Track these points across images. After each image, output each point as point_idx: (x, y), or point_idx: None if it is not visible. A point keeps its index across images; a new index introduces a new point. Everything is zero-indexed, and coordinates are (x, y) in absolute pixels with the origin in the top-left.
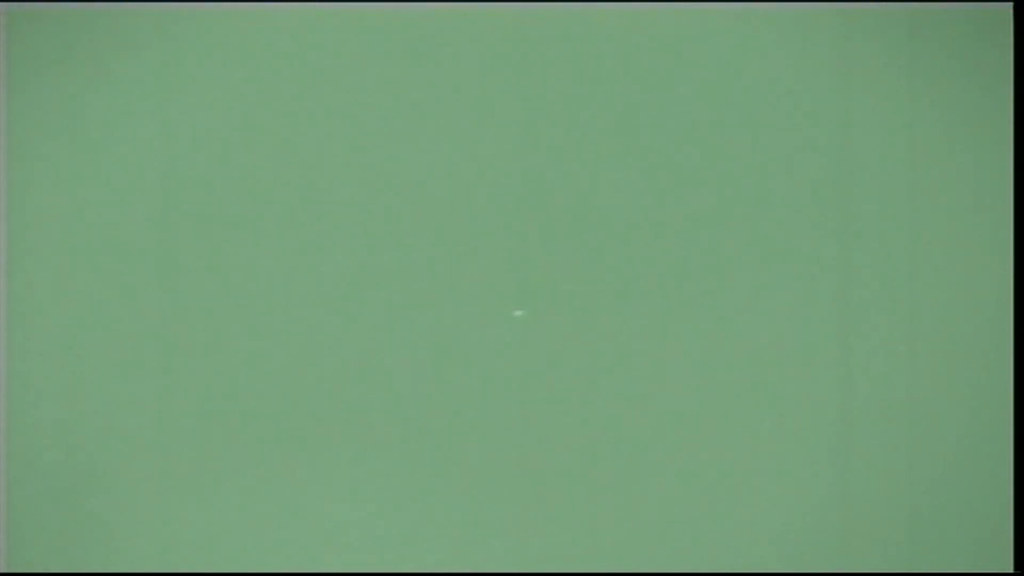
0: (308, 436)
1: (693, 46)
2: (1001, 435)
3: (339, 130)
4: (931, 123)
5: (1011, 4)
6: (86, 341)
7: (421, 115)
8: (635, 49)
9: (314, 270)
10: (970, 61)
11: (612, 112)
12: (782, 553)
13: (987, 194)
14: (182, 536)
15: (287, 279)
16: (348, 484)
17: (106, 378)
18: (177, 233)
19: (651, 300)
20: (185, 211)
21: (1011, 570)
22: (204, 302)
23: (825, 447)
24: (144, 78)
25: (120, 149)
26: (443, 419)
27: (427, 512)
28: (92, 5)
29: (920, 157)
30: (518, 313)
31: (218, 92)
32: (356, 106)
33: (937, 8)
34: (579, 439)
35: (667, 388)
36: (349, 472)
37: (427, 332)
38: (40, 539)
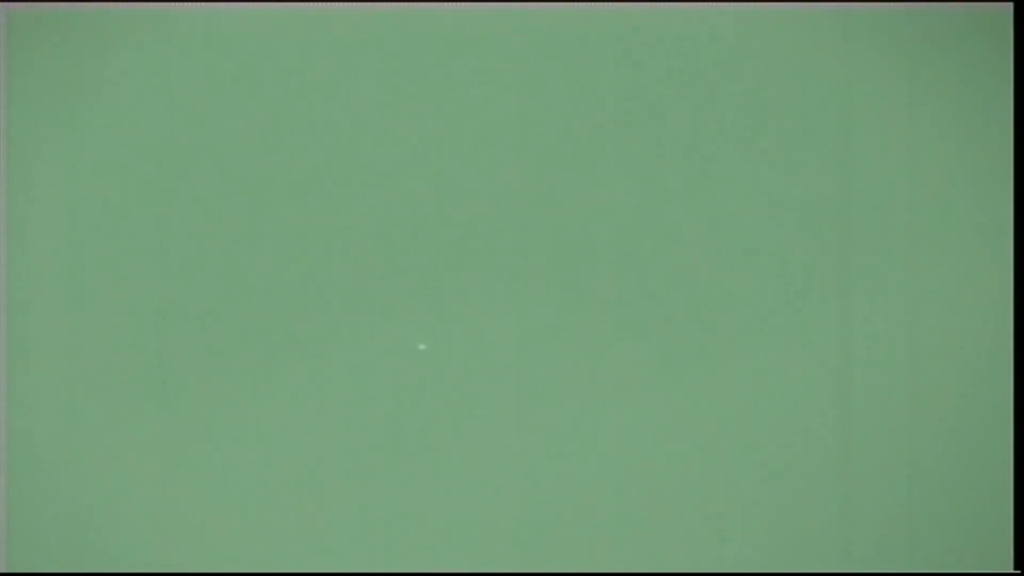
0: (312, 432)
1: (693, 48)
2: (1001, 435)
3: (337, 129)
4: (931, 124)
5: (1011, 4)
6: (86, 340)
7: (420, 113)
8: (634, 51)
9: (315, 272)
10: (970, 61)
11: (610, 114)
12: (782, 553)
13: (987, 194)
14: (181, 536)
15: (288, 278)
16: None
17: (107, 378)
18: (177, 232)
19: (650, 301)
20: (185, 211)
21: (1011, 570)
22: (204, 301)
23: (825, 447)
24: (144, 78)
25: (120, 150)
26: (442, 425)
27: (431, 508)
28: (92, 5)
29: (920, 158)
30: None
31: (218, 92)
32: (353, 104)
33: (937, 8)
34: (578, 438)
35: (667, 389)
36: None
37: (427, 334)
38: (40, 539)
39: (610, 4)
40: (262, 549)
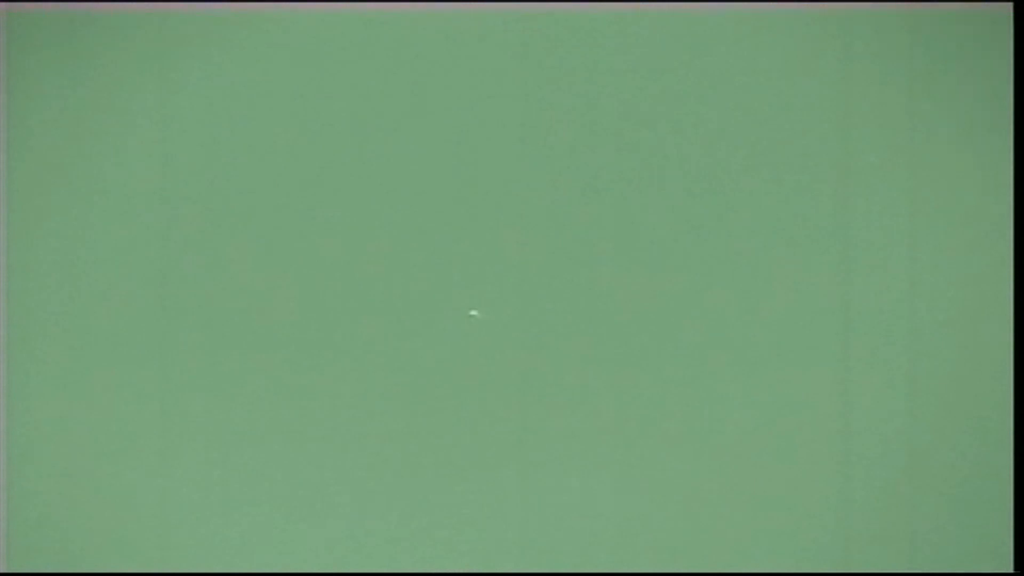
0: (311, 434)
1: (693, 49)
2: (1001, 435)
3: (339, 133)
4: (931, 123)
5: (1011, 4)
6: (87, 342)
7: (423, 117)
8: (634, 52)
9: (317, 276)
10: (970, 61)
11: (611, 114)
12: (782, 553)
13: (987, 195)
14: (182, 535)
15: (289, 282)
16: (347, 483)
17: (107, 379)
18: (178, 236)
19: (650, 305)
20: (186, 214)
21: (1011, 570)
22: (205, 304)
23: (826, 448)
24: (145, 81)
25: (120, 152)
26: (445, 422)
27: (431, 509)
28: (93, 7)
29: (920, 158)
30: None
31: (219, 94)
32: (356, 109)
33: (936, 8)
34: (575, 438)
35: (666, 392)
36: (349, 470)
37: (430, 336)
38: (40, 539)
39: (608, 9)
40: (262, 549)
